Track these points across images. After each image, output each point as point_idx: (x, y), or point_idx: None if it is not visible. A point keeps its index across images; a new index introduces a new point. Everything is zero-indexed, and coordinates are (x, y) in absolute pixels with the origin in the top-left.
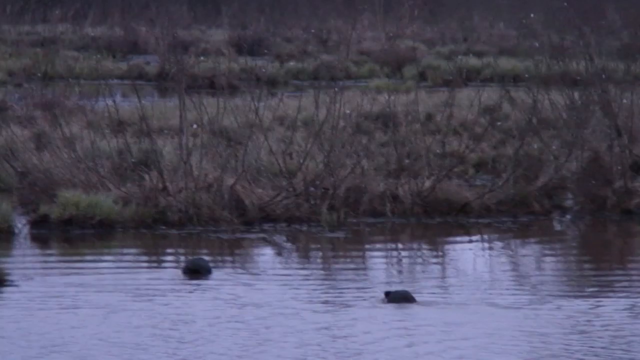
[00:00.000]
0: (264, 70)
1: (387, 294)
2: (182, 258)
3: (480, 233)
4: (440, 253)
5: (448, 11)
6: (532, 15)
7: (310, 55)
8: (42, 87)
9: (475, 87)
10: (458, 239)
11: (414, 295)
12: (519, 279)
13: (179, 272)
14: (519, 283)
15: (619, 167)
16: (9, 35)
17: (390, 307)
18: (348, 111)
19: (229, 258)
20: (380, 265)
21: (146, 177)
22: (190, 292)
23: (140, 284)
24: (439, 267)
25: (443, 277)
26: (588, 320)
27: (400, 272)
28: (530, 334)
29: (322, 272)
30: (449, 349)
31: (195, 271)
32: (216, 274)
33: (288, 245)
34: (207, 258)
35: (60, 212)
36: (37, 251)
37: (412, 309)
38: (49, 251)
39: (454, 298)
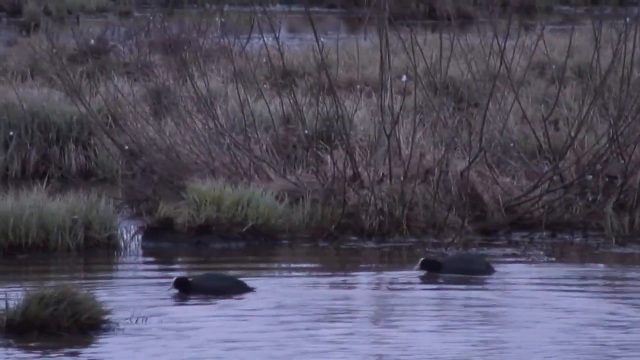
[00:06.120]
0: None
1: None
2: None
3: None
4: None
5: None
6: None
7: None
8: (163, 17)
9: None
10: None
11: None
12: None
13: None
14: None
15: None
16: None
17: None
18: None
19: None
20: None
21: (328, 159)
22: None
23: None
24: None
25: None
26: None
27: None
28: None
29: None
30: None
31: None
32: None
33: (554, 266)
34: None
35: (192, 215)
36: (155, 276)
37: None
38: (173, 275)
39: None
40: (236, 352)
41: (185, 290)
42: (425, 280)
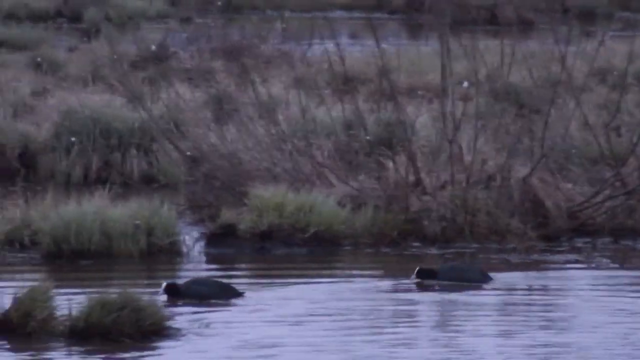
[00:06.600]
0: None
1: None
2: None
3: None
4: None
5: None
6: None
7: None
8: (224, 23)
9: None
10: None
11: None
12: None
13: None
14: None
15: None
16: None
17: None
18: None
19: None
20: None
21: (389, 165)
22: None
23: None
24: None
25: None
26: None
27: None
28: None
29: None
30: None
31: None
32: None
33: (617, 271)
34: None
35: (254, 221)
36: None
37: None
38: (237, 282)
39: None
40: (302, 355)
41: (174, 296)
42: (487, 285)
